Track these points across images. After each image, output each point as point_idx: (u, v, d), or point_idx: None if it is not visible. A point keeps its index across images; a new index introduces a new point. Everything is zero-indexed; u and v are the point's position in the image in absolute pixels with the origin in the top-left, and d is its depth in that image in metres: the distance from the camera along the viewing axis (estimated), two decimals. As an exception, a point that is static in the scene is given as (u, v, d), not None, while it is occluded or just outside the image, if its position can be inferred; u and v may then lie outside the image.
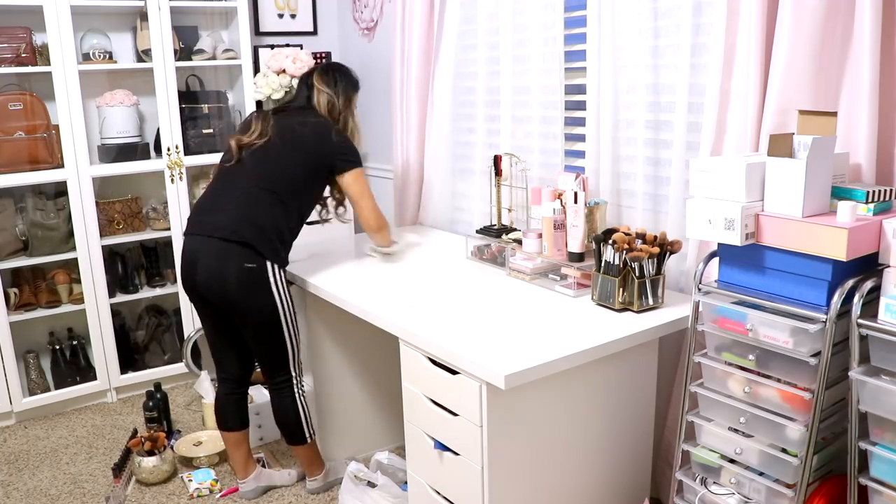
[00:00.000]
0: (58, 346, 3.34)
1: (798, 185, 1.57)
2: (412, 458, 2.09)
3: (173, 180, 3.30)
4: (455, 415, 1.84)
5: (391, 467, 2.43)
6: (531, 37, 2.68)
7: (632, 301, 2.00)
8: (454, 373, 1.82)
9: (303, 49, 3.62)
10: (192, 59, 3.36)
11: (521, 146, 2.80)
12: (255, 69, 3.49)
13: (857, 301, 1.51)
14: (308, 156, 2.35)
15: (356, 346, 2.69)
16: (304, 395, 2.46)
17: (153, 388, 2.99)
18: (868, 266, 1.57)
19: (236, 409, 2.51)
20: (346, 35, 3.95)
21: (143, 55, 3.25)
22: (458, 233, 3.09)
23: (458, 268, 2.54)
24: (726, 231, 1.64)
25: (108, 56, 3.21)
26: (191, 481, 2.62)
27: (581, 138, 2.64)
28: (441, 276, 2.45)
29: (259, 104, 3.52)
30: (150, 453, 2.66)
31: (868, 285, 1.53)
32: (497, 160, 2.71)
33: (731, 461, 1.79)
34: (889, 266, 1.51)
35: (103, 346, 3.28)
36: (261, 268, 2.25)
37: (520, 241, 2.44)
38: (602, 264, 2.04)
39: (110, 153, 3.23)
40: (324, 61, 3.74)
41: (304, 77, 2.51)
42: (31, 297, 3.22)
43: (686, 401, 1.86)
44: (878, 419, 1.52)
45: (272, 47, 3.62)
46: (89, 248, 3.17)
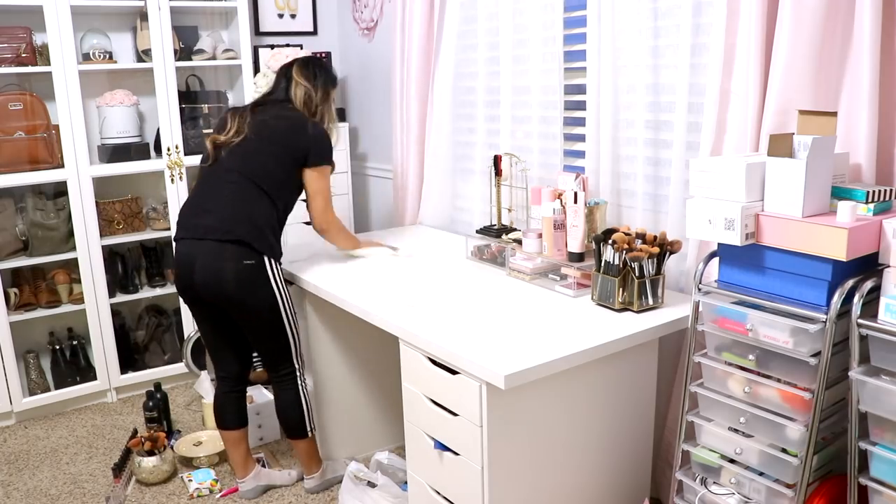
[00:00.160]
0: (58, 346, 3.34)
1: (798, 185, 1.57)
2: (412, 458, 2.09)
3: (173, 180, 3.30)
4: (455, 415, 1.84)
5: (391, 467, 2.43)
6: (531, 37, 2.68)
7: (632, 301, 2.00)
8: (454, 373, 1.82)
9: (303, 49, 3.62)
10: (192, 59, 3.36)
11: (521, 146, 2.80)
12: (255, 69, 3.49)
13: (857, 301, 1.51)
14: (285, 149, 2.34)
15: (356, 346, 2.69)
16: (307, 388, 2.46)
17: (153, 388, 2.99)
18: (868, 266, 1.57)
19: (235, 408, 2.51)
20: (346, 35, 3.95)
21: (143, 55, 3.25)
22: (458, 233, 3.09)
23: (458, 268, 2.54)
24: (726, 231, 1.64)
25: (108, 56, 3.21)
26: (191, 481, 2.62)
27: (581, 138, 2.64)
28: (441, 276, 2.45)
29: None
30: (150, 453, 2.66)
31: (868, 285, 1.53)
32: (497, 160, 2.71)
33: (731, 461, 1.79)
34: (889, 266, 1.51)
35: (103, 346, 3.29)
36: (259, 263, 2.26)
37: (520, 241, 2.44)
38: (602, 264, 2.04)
39: (110, 153, 3.23)
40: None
41: (283, 69, 2.48)
42: (31, 297, 3.22)
43: (686, 401, 1.87)
44: (878, 419, 1.52)
45: (272, 47, 3.61)
46: (89, 248, 3.18)
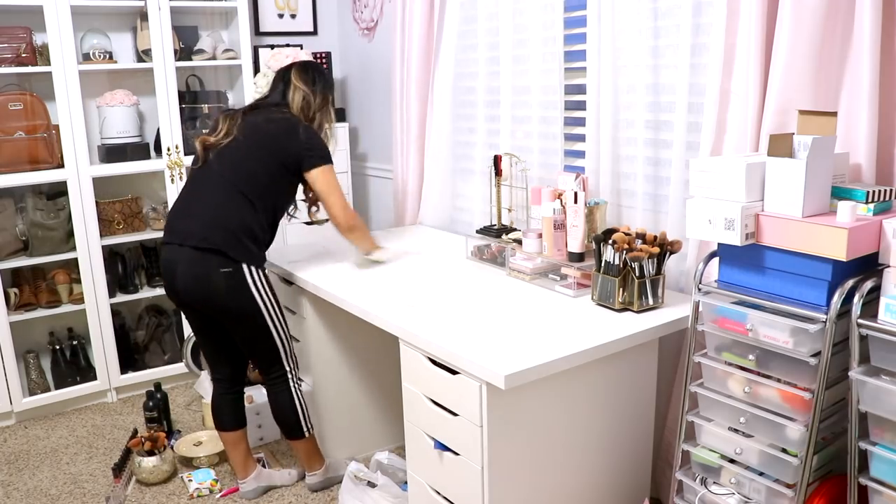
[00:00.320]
0: (58, 346, 3.34)
1: (798, 185, 1.57)
2: (412, 458, 2.09)
3: (173, 180, 3.30)
4: (455, 415, 1.84)
5: (391, 467, 2.43)
6: (531, 37, 2.68)
7: (632, 301, 2.00)
8: (454, 373, 1.81)
9: (303, 49, 3.62)
10: (192, 59, 3.36)
11: (521, 146, 2.80)
12: (255, 69, 3.49)
13: (857, 301, 1.51)
14: (275, 153, 2.30)
15: (356, 346, 2.68)
16: (301, 389, 2.46)
17: (153, 388, 2.99)
18: (868, 266, 1.57)
19: (232, 409, 2.51)
20: (346, 35, 3.95)
21: (143, 55, 3.25)
22: (458, 233, 3.09)
23: (458, 268, 2.54)
24: (726, 231, 1.64)
25: (108, 56, 3.21)
26: (191, 481, 2.62)
27: (581, 138, 2.64)
28: (441, 276, 2.45)
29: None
30: (150, 453, 2.66)
31: (868, 285, 1.53)
32: (497, 160, 2.71)
33: (731, 461, 1.79)
34: (889, 266, 1.51)
35: (103, 346, 3.28)
36: (237, 271, 2.24)
37: (520, 241, 2.44)
38: (602, 264, 2.04)
39: (110, 153, 3.23)
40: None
41: (281, 72, 2.45)
42: (32, 297, 3.22)
43: (686, 401, 1.86)
44: (878, 419, 1.52)
45: (272, 47, 3.61)
46: (89, 248, 3.17)
